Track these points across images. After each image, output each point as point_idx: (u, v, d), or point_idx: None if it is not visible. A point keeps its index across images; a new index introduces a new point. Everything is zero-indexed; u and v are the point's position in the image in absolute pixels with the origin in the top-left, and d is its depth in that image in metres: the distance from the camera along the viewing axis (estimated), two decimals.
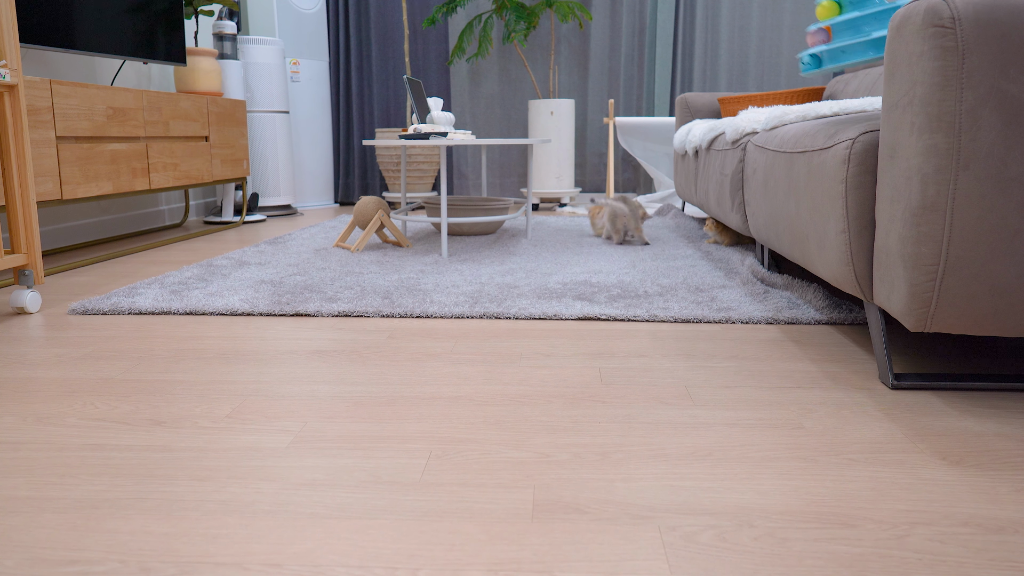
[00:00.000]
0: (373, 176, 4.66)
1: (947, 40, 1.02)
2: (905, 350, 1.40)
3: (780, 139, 1.71)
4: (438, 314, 1.70)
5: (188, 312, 1.74)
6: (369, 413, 1.11)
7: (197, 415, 1.11)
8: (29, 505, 0.84)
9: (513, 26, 4.15)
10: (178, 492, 0.86)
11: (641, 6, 4.41)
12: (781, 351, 1.42)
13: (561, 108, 4.16)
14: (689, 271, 2.17)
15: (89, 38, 2.53)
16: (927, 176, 1.05)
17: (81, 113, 2.32)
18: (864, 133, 1.23)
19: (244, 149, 3.48)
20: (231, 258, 2.45)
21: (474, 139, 2.55)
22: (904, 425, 1.05)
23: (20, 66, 1.72)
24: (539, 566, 0.71)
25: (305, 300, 1.82)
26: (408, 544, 0.75)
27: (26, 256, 1.77)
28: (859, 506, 0.82)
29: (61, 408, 1.14)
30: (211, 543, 0.76)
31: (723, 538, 0.76)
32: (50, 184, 2.19)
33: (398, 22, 4.52)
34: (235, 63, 3.64)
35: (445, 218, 2.46)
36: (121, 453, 0.97)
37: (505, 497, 0.85)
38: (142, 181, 2.66)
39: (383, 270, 2.22)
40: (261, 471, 0.92)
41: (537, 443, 0.99)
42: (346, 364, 1.35)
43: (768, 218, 1.80)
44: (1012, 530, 0.77)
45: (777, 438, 1.01)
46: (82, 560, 0.73)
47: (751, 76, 4.41)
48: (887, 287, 1.17)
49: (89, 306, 1.77)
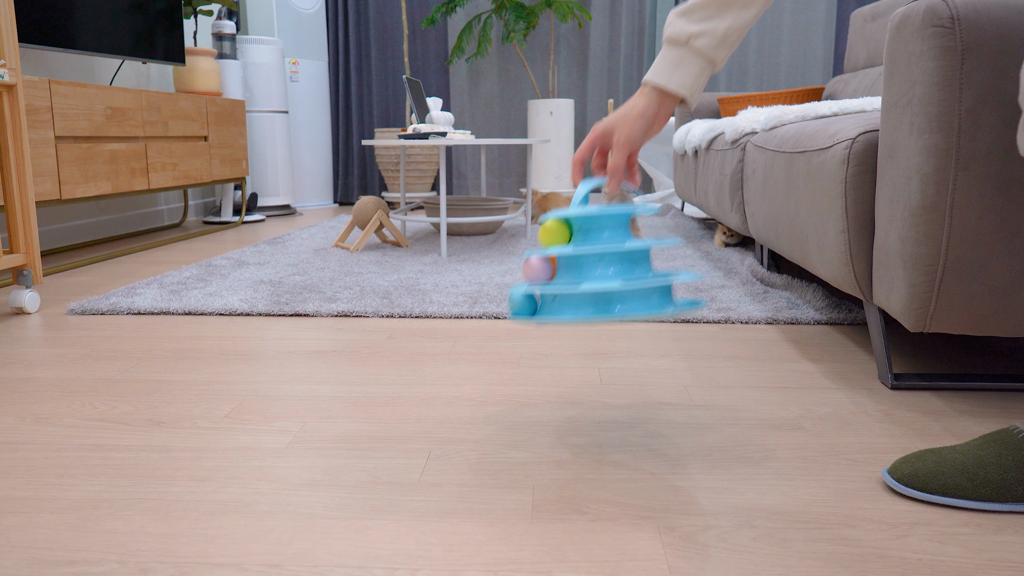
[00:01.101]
0: (372, 176, 4.66)
1: (947, 40, 1.02)
2: (905, 350, 1.40)
3: (779, 139, 1.71)
4: (437, 314, 1.69)
5: (187, 312, 1.74)
6: (368, 413, 1.11)
7: (196, 415, 1.11)
8: (28, 505, 0.83)
9: (512, 26, 4.14)
10: (177, 492, 0.86)
11: (641, 6, 4.41)
12: (781, 351, 1.42)
13: (560, 108, 4.16)
14: (689, 271, 2.17)
15: (88, 38, 2.53)
16: (927, 176, 1.05)
17: (80, 113, 2.32)
18: (864, 133, 1.23)
19: (243, 149, 3.48)
20: (230, 258, 2.45)
21: (473, 139, 2.55)
22: (904, 425, 1.05)
23: (19, 66, 1.72)
24: (539, 566, 0.71)
25: (304, 300, 1.82)
26: (407, 544, 0.75)
27: (25, 256, 1.77)
28: (859, 506, 0.82)
29: (60, 408, 1.14)
30: (210, 543, 0.76)
31: (723, 538, 0.76)
32: (49, 184, 2.19)
33: (397, 22, 4.51)
34: (234, 63, 3.63)
35: (444, 218, 2.46)
36: (120, 453, 0.97)
37: (504, 497, 0.85)
38: (141, 181, 2.66)
39: (382, 270, 2.22)
40: (260, 471, 0.92)
41: (537, 443, 0.99)
42: (345, 364, 1.35)
43: (767, 218, 1.80)
44: (1012, 530, 0.77)
45: (777, 438, 1.01)
46: (80, 560, 0.72)
47: (750, 76, 4.41)
48: (887, 287, 1.17)
49: (88, 306, 1.77)
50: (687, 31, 0.87)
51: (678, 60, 0.88)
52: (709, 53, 0.87)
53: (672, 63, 0.88)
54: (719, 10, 0.86)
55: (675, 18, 0.89)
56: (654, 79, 0.89)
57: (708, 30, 0.86)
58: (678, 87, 0.88)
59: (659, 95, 0.89)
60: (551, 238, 0.92)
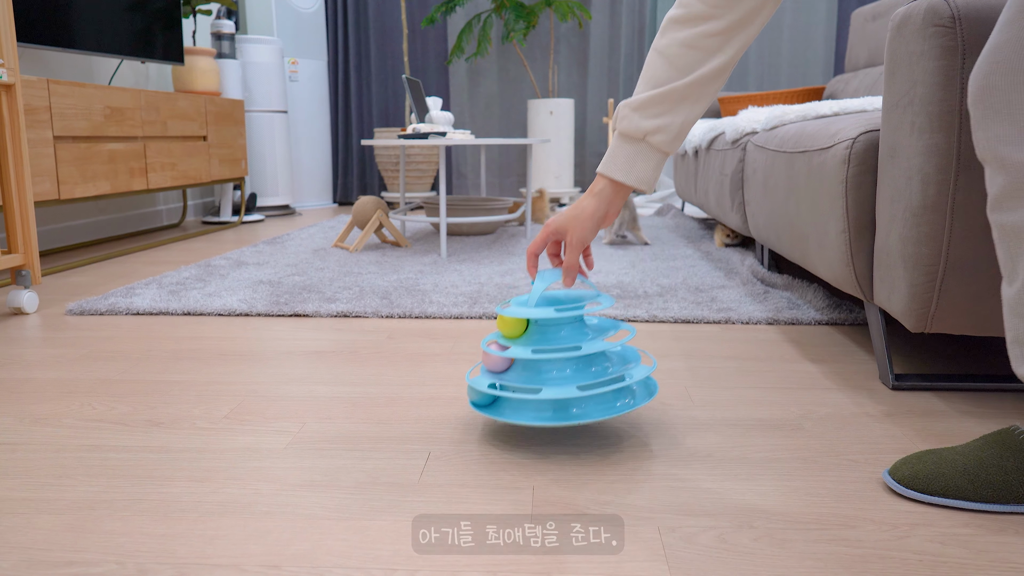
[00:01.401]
0: (372, 176, 4.66)
1: (948, 39, 1.01)
2: (905, 350, 1.40)
3: (780, 139, 1.71)
4: (437, 314, 1.69)
5: (186, 312, 1.74)
6: (368, 414, 1.11)
7: (195, 416, 1.10)
8: (26, 506, 0.83)
9: (512, 25, 4.14)
10: (176, 493, 0.86)
11: (641, 5, 4.41)
12: (781, 351, 1.42)
13: (560, 108, 4.16)
14: (689, 271, 2.17)
15: (87, 37, 2.53)
16: (928, 176, 1.05)
17: (79, 113, 2.32)
18: (864, 133, 1.23)
19: (242, 149, 3.48)
20: (229, 258, 2.45)
21: (473, 139, 2.55)
22: (905, 426, 1.05)
23: (17, 65, 1.71)
24: (538, 567, 0.71)
25: (303, 300, 1.82)
26: (407, 545, 0.75)
27: (23, 256, 1.77)
28: (859, 507, 0.82)
29: (58, 409, 1.13)
30: (209, 544, 0.75)
31: (723, 539, 0.76)
32: (47, 184, 2.19)
33: (397, 21, 4.51)
34: (233, 62, 3.63)
35: (444, 218, 2.45)
36: (118, 454, 0.97)
37: (504, 498, 0.84)
38: (140, 181, 2.66)
39: (382, 270, 2.22)
40: (259, 472, 0.92)
41: (537, 443, 0.99)
42: (344, 365, 1.35)
43: (768, 218, 1.79)
44: (1013, 531, 0.77)
45: (777, 439, 1.01)
46: (79, 561, 0.72)
47: (751, 76, 4.41)
48: (887, 287, 1.17)
49: (86, 306, 1.76)
50: (643, 127, 0.90)
51: (635, 154, 0.91)
52: (666, 147, 0.90)
53: (629, 158, 0.91)
54: (673, 106, 0.89)
55: (629, 112, 0.91)
56: (612, 174, 0.92)
57: (664, 126, 0.89)
58: (637, 182, 0.91)
59: (615, 186, 0.93)
60: (509, 329, 0.98)
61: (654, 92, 0.89)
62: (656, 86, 0.89)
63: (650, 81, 0.90)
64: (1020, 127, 0.77)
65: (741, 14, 0.85)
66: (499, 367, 0.99)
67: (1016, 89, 0.76)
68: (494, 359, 0.98)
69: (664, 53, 0.89)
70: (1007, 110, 0.77)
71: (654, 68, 0.89)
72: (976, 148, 0.82)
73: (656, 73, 0.89)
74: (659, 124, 0.89)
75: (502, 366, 0.99)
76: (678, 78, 0.88)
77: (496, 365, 0.99)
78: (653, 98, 0.89)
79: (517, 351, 0.94)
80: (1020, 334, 0.80)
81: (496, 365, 0.99)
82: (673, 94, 0.88)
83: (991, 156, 0.79)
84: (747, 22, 0.86)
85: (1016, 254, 0.79)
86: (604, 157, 0.93)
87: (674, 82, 0.88)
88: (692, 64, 0.87)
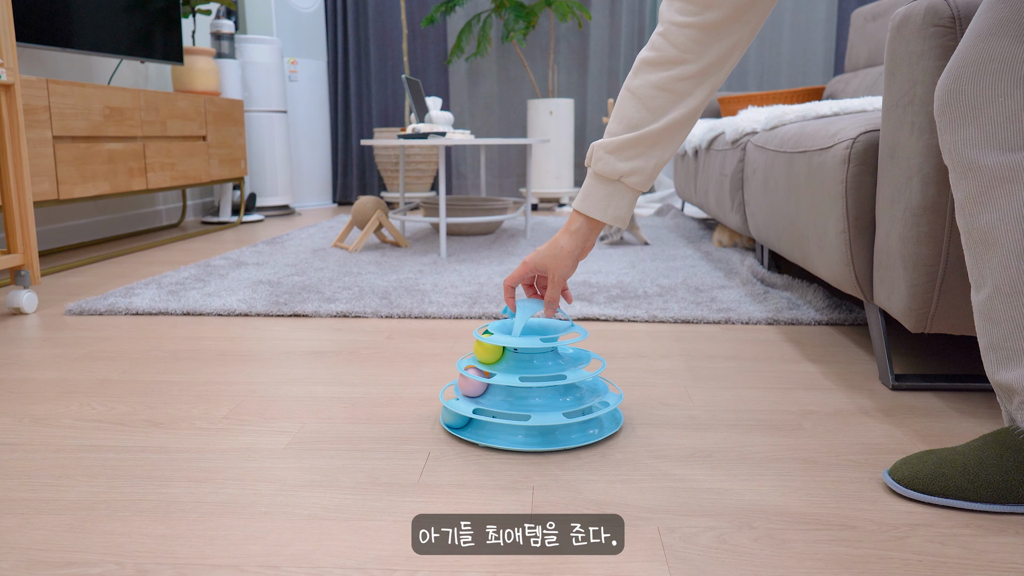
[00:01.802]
0: (371, 176, 4.66)
1: (948, 39, 1.01)
2: (905, 351, 1.39)
3: (780, 139, 1.71)
4: (436, 314, 1.69)
5: (185, 313, 1.73)
6: (367, 414, 1.11)
7: (194, 416, 1.10)
8: (25, 506, 0.83)
9: (512, 25, 4.14)
10: (175, 493, 0.86)
11: (641, 5, 4.41)
12: (781, 352, 1.42)
13: (560, 108, 4.16)
14: (689, 271, 2.17)
15: (86, 37, 2.53)
16: (927, 176, 1.05)
17: (78, 112, 2.32)
18: (864, 133, 1.23)
19: (242, 149, 3.48)
20: (228, 258, 2.45)
21: (473, 139, 2.55)
22: (905, 426, 1.05)
23: (16, 65, 1.71)
24: (538, 567, 0.71)
25: (303, 300, 1.81)
26: (406, 545, 0.75)
27: (22, 256, 1.76)
28: (860, 507, 0.82)
29: (57, 409, 1.13)
30: (208, 544, 0.75)
31: (723, 539, 0.75)
32: (47, 184, 2.19)
33: (396, 21, 4.51)
34: (233, 62, 3.63)
35: (444, 218, 2.45)
36: (118, 454, 0.97)
37: (504, 498, 0.84)
38: (139, 181, 2.65)
39: (381, 270, 2.22)
40: (259, 472, 0.91)
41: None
42: (344, 365, 1.35)
43: (768, 218, 1.79)
44: (1013, 531, 0.77)
45: (777, 439, 1.01)
46: (78, 562, 0.72)
47: (751, 76, 4.41)
48: (887, 287, 1.17)
49: (86, 306, 1.76)
50: (619, 169, 0.93)
51: (611, 194, 0.95)
52: (640, 187, 0.94)
53: (605, 197, 0.95)
54: (647, 149, 0.92)
55: (604, 154, 0.94)
56: (589, 212, 0.96)
57: (639, 168, 0.93)
58: (613, 219, 0.95)
59: (591, 224, 0.97)
60: (487, 355, 1.02)
61: (629, 136, 0.92)
62: (630, 129, 0.92)
63: (624, 122, 0.93)
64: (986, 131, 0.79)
65: (712, 58, 0.88)
66: (477, 391, 1.03)
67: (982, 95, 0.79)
68: (474, 384, 1.02)
69: (637, 94, 0.92)
70: (973, 115, 0.79)
71: (628, 109, 0.92)
72: (943, 153, 0.84)
73: (630, 115, 0.92)
74: (634, 167, 0.93)
75: (479, 391, 1.03)
76: (652, 121, 0.91)
77: (475, 390, 1.03)
78: (629, 141, 0.92)
79: (503, 378, 0.98)
80: (994, 340, 0.81)
81: (475, 390, 1.03)
82: (647, 138, 0.91)
83: (957, 160, 0.82)
84: (718, 66, 0.89)
85: (982, 260, 0.81)
86: (579, 195, 0.97)
87: (648, 126, 0.91)
88: (664, 106, 0.90)
